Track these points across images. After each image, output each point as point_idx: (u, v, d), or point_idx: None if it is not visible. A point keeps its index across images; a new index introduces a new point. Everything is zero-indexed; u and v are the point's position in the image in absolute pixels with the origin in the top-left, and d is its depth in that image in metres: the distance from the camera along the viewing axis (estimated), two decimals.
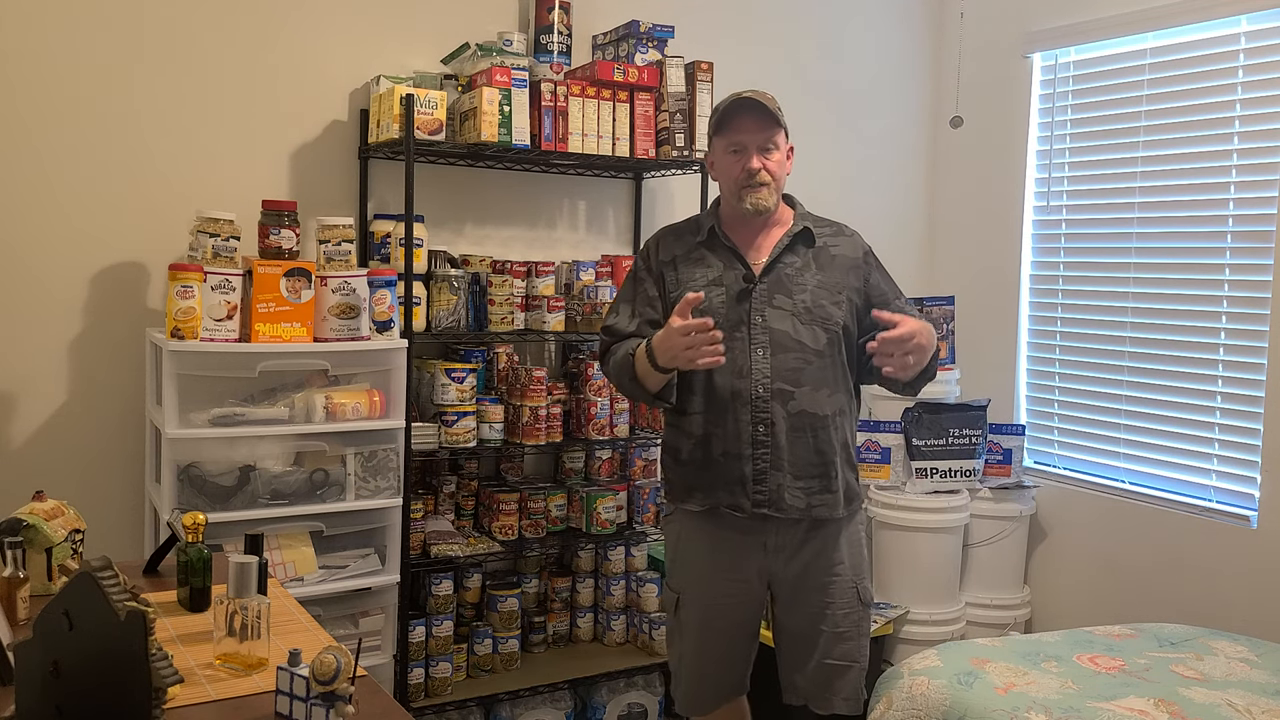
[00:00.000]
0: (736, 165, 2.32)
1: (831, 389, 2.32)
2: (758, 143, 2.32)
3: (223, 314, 2.57)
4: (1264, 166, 3.19)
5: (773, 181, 2.32)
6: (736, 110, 2.32)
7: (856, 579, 2.37)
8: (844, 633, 2.34)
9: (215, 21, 2.94)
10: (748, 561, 2.33)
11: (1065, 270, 3.79)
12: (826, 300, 2.32)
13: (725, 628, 2.37)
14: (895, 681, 2.53)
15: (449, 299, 2.96)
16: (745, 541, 2.32)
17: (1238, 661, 2.54)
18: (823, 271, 2.35)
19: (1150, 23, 3.45)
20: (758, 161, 2.30)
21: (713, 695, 2.41)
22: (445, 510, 3.14)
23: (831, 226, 2.44)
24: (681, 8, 3.54)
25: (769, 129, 2.31)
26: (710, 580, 2.36)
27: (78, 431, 2.85)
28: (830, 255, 2.37)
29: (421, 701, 2.96)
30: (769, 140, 2.32)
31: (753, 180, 2.31)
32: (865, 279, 2.39)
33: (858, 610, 2.37)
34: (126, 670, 1.32)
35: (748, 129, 2.32)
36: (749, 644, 2.41)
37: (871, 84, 4.07)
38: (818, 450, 2.29)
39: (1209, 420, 3.34)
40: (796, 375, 2.28)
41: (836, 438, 2.33)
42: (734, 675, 2.40)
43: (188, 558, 1.94)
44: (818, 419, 2.29)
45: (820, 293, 2.33)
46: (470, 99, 2.88)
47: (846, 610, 2.35)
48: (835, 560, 2.35)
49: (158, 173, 2.90)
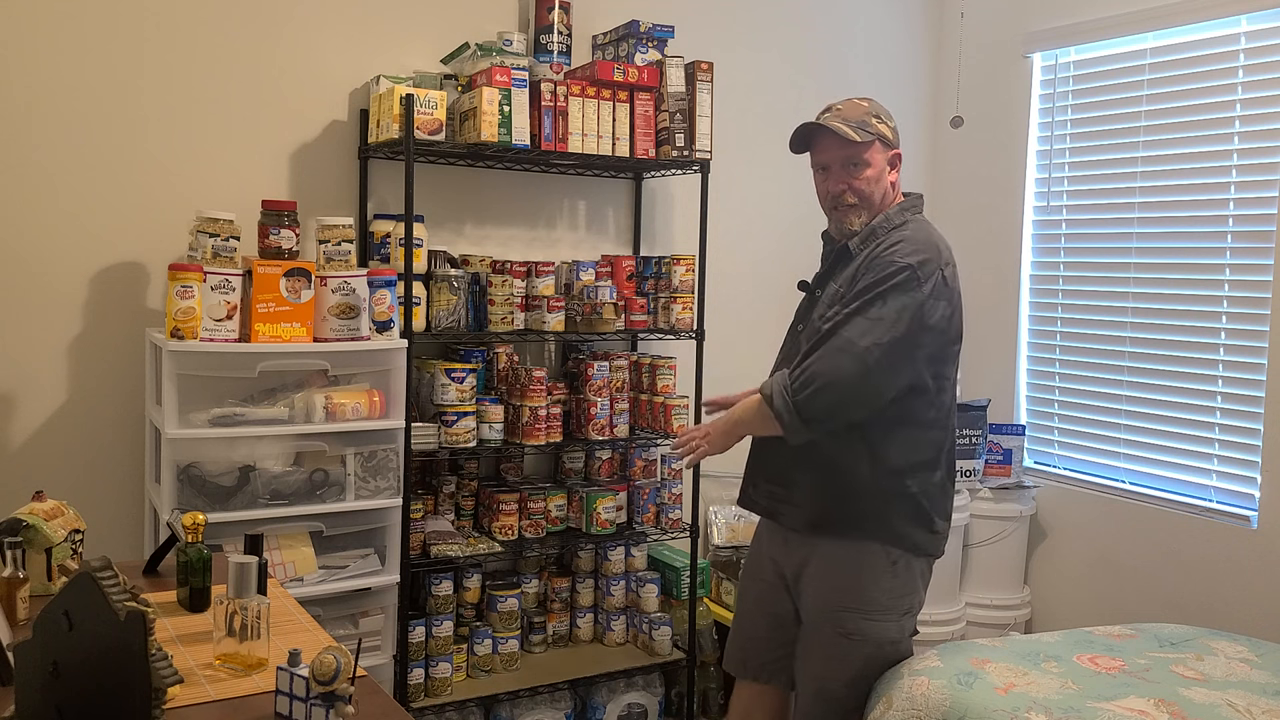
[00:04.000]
0: (822, 186, 2.32)
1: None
2: (839, 160, 2.26)
3: (222, 314, 2.57)
4: (1264, 166, 3.19)
5: (860, 202, 2.26)
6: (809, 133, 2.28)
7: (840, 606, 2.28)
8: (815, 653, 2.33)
9: (215, 21, 2.94)
10: (767, 545, 2.47)
11: (1065, 270, 3.79)
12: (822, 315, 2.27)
13: (749, 603, 2.52)
14: (895, 682, 2.53)
15: (449, 299, 2.96)
16: (770, 526, 2.46)
17: (1238, 662, 2.54)
18: (839, 284, 2.26)
19: (1150, 23, 3.45)
20: (841, 183, 2.26)
21: (738, 662, 2.51)
22: (445, 510, 3.14)
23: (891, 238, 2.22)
24: (681, 8, 3.54)
25: (850, 147, 2.24)
26: (750, 555, 2.56)
27: (78, 431, 2.85)
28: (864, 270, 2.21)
29: (421, 701, 2.96)
30: (855, 157, 2.24)
31: (839, 203, 2.28)
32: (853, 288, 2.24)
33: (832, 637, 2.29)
34: (126, 670, 1.32)
35: (829, 147, 2.27)
36: (770, 628, 2.43)
37: (871, 84, 4.06)
38: (785, 460, 2.31)
39: (1209, 420, 3.34)
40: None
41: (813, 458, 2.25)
42: (756, 653, 2.47)
43: (188, 558, 1.94)
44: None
45: (823, 307, 2.28)
46: (470, 99, 2.88)
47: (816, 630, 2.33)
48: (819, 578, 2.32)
49: (158, 173, 2.90)
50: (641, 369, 3.32)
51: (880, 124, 2.28)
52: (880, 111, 2.31)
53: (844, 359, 2.12)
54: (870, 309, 2.14)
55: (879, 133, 2.27)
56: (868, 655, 2.32)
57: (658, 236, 3.63)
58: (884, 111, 2.32)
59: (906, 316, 2.14)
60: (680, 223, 3.64)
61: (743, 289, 3.76)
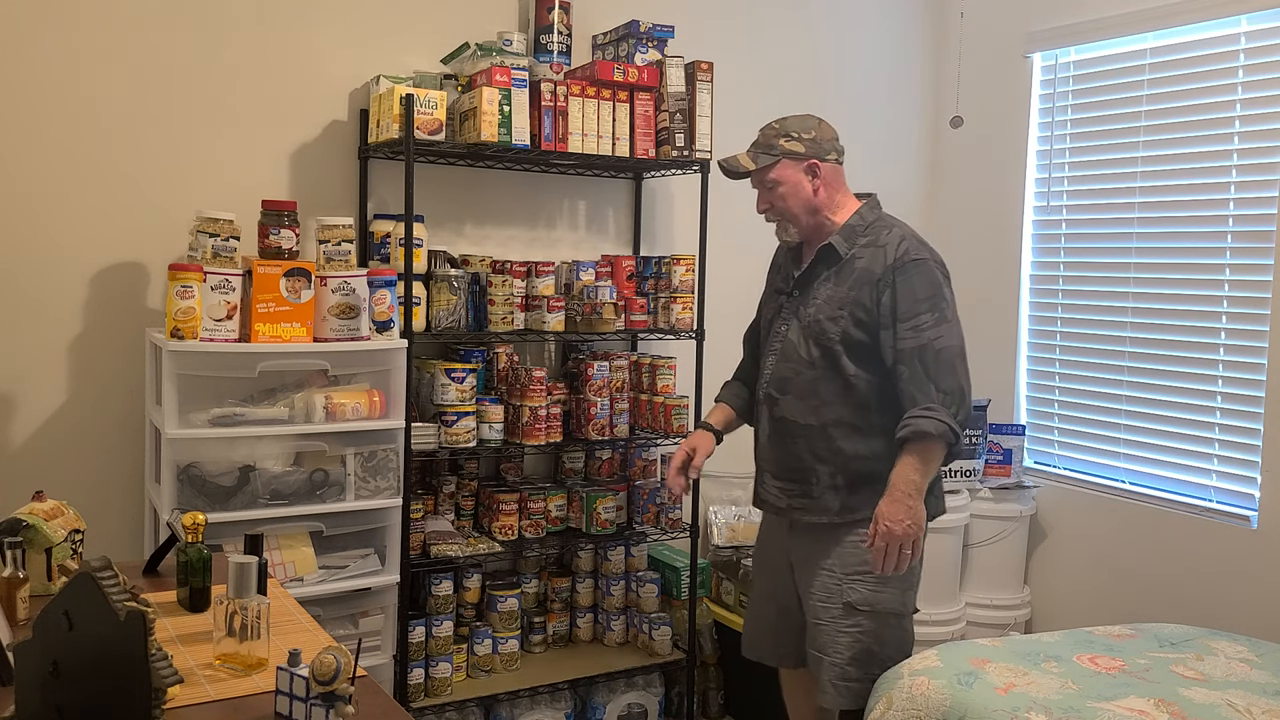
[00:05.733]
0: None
1: (821, 401, 2.42)
2: (756, 183, 2.51)
3: (222, 314, 2.57)
4: (1264, 166, 3.19)
5: (783, 217, 2.48)
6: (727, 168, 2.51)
7: (845, 580, 2.42)
8: (820, 625, 2.45)
9: (215, 22, 2.94)
10: (774, 540, 2.62)
11: (1065, 270, 3.79)
12: (825, 315, 2.41)
13: (759, 592, 2.71)
14: (895, 682, 2.53)
15: (449, 299, 2.96)
16: (777, 522, 2.60)
17: (1238, 662, 2.54)
18: (839, 285, 2.42)
19: (1150, 23, 3.45)
20: (763, 202, 2.50)
21: (752, 644, 2.70)
22: (445, 510, 3.14)
23: (870, 236, 2.43)
24: (681, 8, 3.54)
25: (757, 172, 2.47)
26: (757, 548, 2.74)
27: (78, 431, 2.85)
28: (853, 268, 2.42)
29: (421, 701, 2.96)
30: (762, 179, 2.48)
31: (769, 219, 2.53)
32: (879, 297, 2.37)
33: (837, 608, 2.43)
34: (126, 670, 1.32)
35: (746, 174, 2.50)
36: (778, 614, 2.60)
37: (871, 84, 4.07)
38: (796, 456, 2.46)
39: (1209, 420, 3.34)
40: (784, 384, 2.47)
41: (824, 449, 2.43)
42: (766, 638, 2.65)
43: (188, 558, 1.94)
44: (798, 427, 2.45)
45: (825, 307, 2.42)
46: (470, 99, 2.88)
47: (825, 604, 2.45)
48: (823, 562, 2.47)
49: (158, 173, 2.90)
50: (641, 369, 3.32)
51: (790, 141, 2.45)
52: (792, 128, 2.46)
53: (959, 364, 2.36)
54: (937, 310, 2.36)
55: (785, 150, 2.44)
56: (871, 629, 2.43)
57: (658, 236, 3.63)
58: (801, 126, 2.48)
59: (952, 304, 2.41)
60: (680, 223, 3.64)
61: (743, 289, 3.74)
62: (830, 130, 2.50)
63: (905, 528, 2.28)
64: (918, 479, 2.30)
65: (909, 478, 2.30)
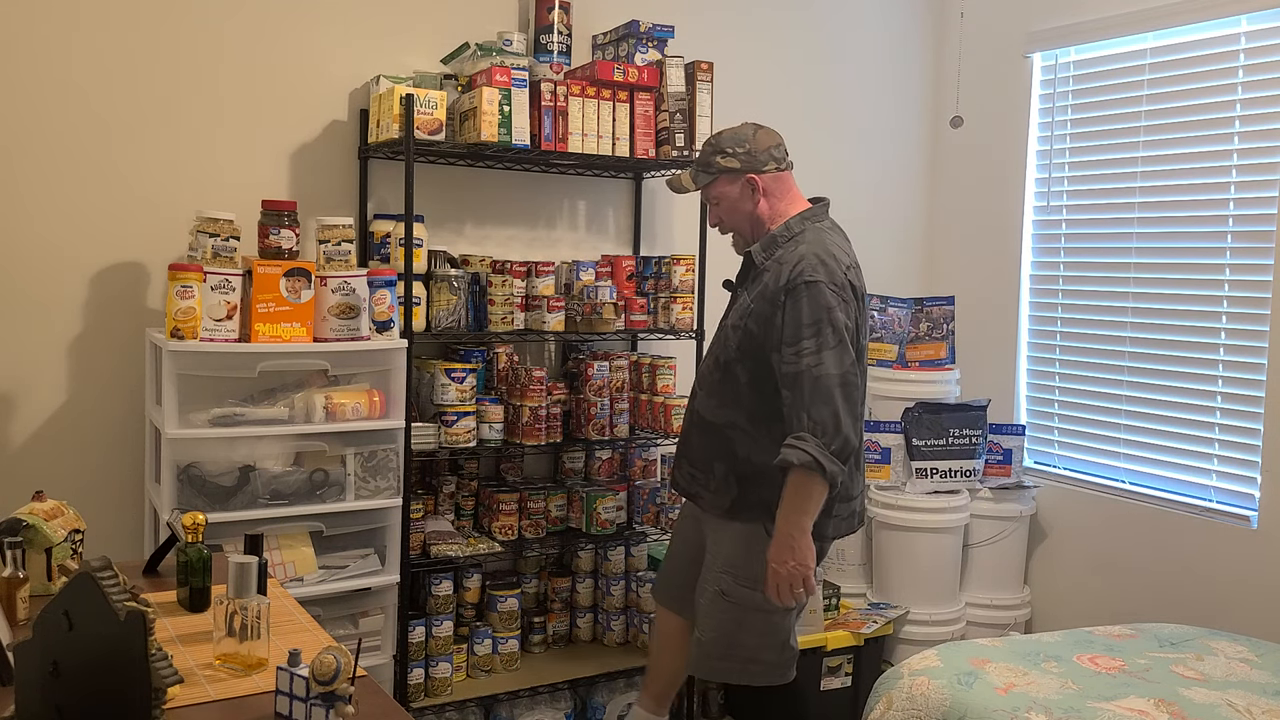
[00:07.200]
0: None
1: (721, 402, 2.51)
2: (704, 199, 2.62)
3: (222, 314, 2.57)
4: (1264, 166, 3.19)
5: (731, 230, 2.56)
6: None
7: (724, 569, 2.49)
8: (699, 601, 2.56)
9: (215, 21, 2.94)
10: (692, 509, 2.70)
11: (1065, 270, 3.79)
12: (731, 323, 2.51)
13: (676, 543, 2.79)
14: (895, 682, 2.53)
15: (449, 299, 2.96)
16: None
17: (1238, 662, 2.54)
18: (748, 295, 2.49)
19: (1150, 23, 3.45)
20: (713, 216, 2.59)
21: (662, 587, 2.83)
22: (445, 510, 3.14)
23: (784, 249, 2.43)
24: (681, 8, 3.54)
25: (701, 191, 2.56)
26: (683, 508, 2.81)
27: (78, 431, 2.85)
28: (761, 280, 2.46)
29: (421, 701, 2.96)
30: (706, 196, 2.57)
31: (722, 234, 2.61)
32: (772, 317, 2.37)
33: (712, 590, 2.51)
34: (126, 670, 1.32)
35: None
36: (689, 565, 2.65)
37: (871, 84, 4.07)
38: (700, 448, 2.56)
39: (1209, 420, 3.34)
40: (702, 379, 2.60)
41: (722, 448, 2.50)
42: (675, 585, 2.74)
43: (187, 558, 1.94)
44: (705, 423, 2.55)
45: (733, 315, 2.53)
46: (470, 99, 2.88)
47: (703, 584, 2.54)
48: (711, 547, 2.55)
49: (158, 173, 2.90)
50: (641, 369, 3.32)
51: (725, 158, 2.48)
52: (726, 144, 2.49)
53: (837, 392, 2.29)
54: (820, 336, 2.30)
55: (721, 167, 2.49)
56: (735, 616, 2.48)
57: (658, 236, 3.63)
58: (734, 140, 2.49)
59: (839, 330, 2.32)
60: (680, 223, 3.64)
61: None
62: (768, 139, 2.49)
63: (790, 568, 2.34)
64: (796, 517, 2.33)
65: (789, 518, 2.34)
